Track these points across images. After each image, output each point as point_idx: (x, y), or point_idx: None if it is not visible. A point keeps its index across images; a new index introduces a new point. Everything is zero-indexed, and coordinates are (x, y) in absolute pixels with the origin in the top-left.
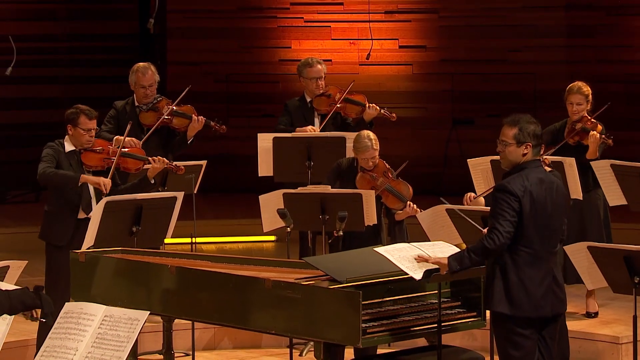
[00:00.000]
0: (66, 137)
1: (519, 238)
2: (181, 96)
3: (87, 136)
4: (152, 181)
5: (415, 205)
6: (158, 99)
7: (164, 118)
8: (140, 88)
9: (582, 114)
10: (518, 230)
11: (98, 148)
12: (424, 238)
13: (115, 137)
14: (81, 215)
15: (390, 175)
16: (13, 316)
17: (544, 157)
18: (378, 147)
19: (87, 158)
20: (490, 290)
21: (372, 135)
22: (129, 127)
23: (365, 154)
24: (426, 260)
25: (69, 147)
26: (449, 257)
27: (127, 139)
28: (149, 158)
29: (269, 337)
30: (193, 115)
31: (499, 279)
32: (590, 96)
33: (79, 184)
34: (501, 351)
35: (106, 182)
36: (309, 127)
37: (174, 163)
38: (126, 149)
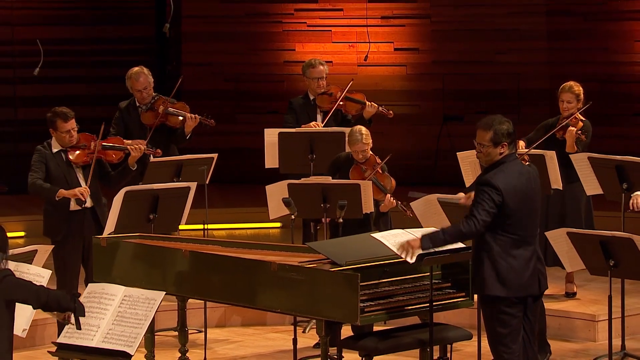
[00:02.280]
0: (52, 139)
1: (506, 226)
2: (173, 92)
3: (68, 137)
4: (134, 167)
5: (392, 198)
6: (155, 98)
7: (160, 118)
8: (137, 92)
9: (572, 112)
10: (504, 219)
11: (81, 144)
12: (412, 226)
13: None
14: (73, 207)
15: (379, 169)
16: None
17: (528, 151)
18: (369, 142)
19: (73, 155)
20: (481, 275)
21: (364, 130)
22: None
23: (355, 146)
24: (410, 246)
25: (55, 147)
26: (422, 237)
27: (132, 141)
28: (128, 147)
29: (275, 315)
30: (187, 114)
31: (489, 265)
32: (582, 95)
33: (57, 198)
34: (490, 329)
35: (82, 190)
36: (313, 122)
37: (151, 148)
38: (106, 143)
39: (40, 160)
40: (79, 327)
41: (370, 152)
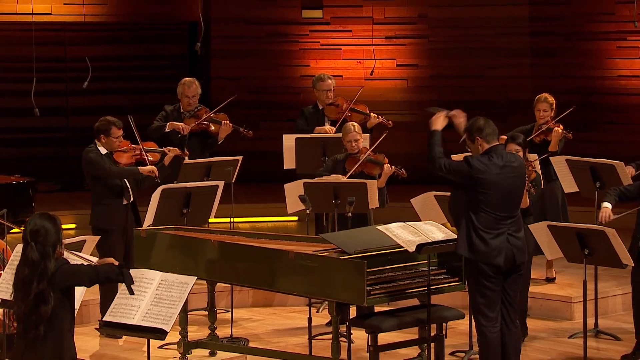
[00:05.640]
0: (98, 143)
1: (480, 203)
2: (220, 106)
3: (117, 142)
4: (167, 166)
5: (389, 164)
6: (198, 108)
7: (202, 123)
8: (185, 98)
9: (547, 119)
10: (478, 195)
11: (124, 148)
12: (414, 219)
13: (169, 123)
14: (124, 202)
15: (371, 152)
16: None
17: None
18: (360, 132)
19: (119, 157)
20: (457, 238)
21: (356, 124)
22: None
23: (349, 135)
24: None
25: (103, 150)
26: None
27: (177, 123)
28: (164, 149)
29: (292, 297)
30: (223, 120)
31: (463, 231)
32: (554, 104)
33: (140, 174)
34: (471, 300)
35: (154, 169)
36: (327, 127)
37: (181, 152)
38: (147, 147)
39: (102, 158)
40: (131, 292)
41: (363, 146)
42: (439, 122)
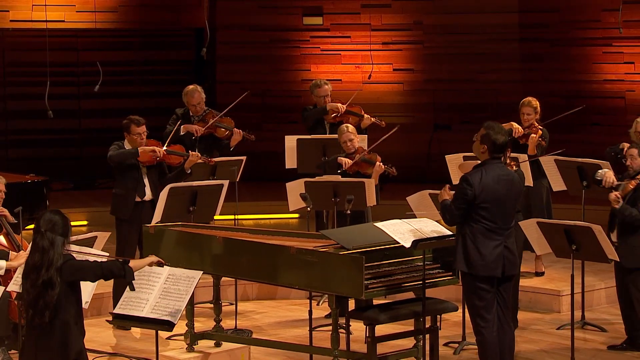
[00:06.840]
0: (125, 140)
1: (477, 216)
2: (225, 111)
3: (139, 139)
4: (189, 171)
5: (381, 163)
6: (206, 112)
7: (209, 127)
8: (191, 106)
9: (532, 122)
10: (475, 209)
11: (149, 147)
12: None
13: (183, 126)
14: (137, 199)
15: (366, 152)
16: None
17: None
18: (354, 132)
19: (141, 156)
20: (455, 252)
21: (350, 126)
22: (175, 127)
23: (343, 136)
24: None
25: (127, 146)
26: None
27: (192, 126)
28: (187, 153)
29: (293, 290)
30: (233, 128)
31: (461, 245)
32: (538, 108)
33: (139, 154)
34: (468, 302)
35: (159, 149)
36: (339, 105)
37: (205, 157)
38: (170, 149)
39: (118, 148)
40: (132, 288)
41: (359, 145)
42: (444, 194)
